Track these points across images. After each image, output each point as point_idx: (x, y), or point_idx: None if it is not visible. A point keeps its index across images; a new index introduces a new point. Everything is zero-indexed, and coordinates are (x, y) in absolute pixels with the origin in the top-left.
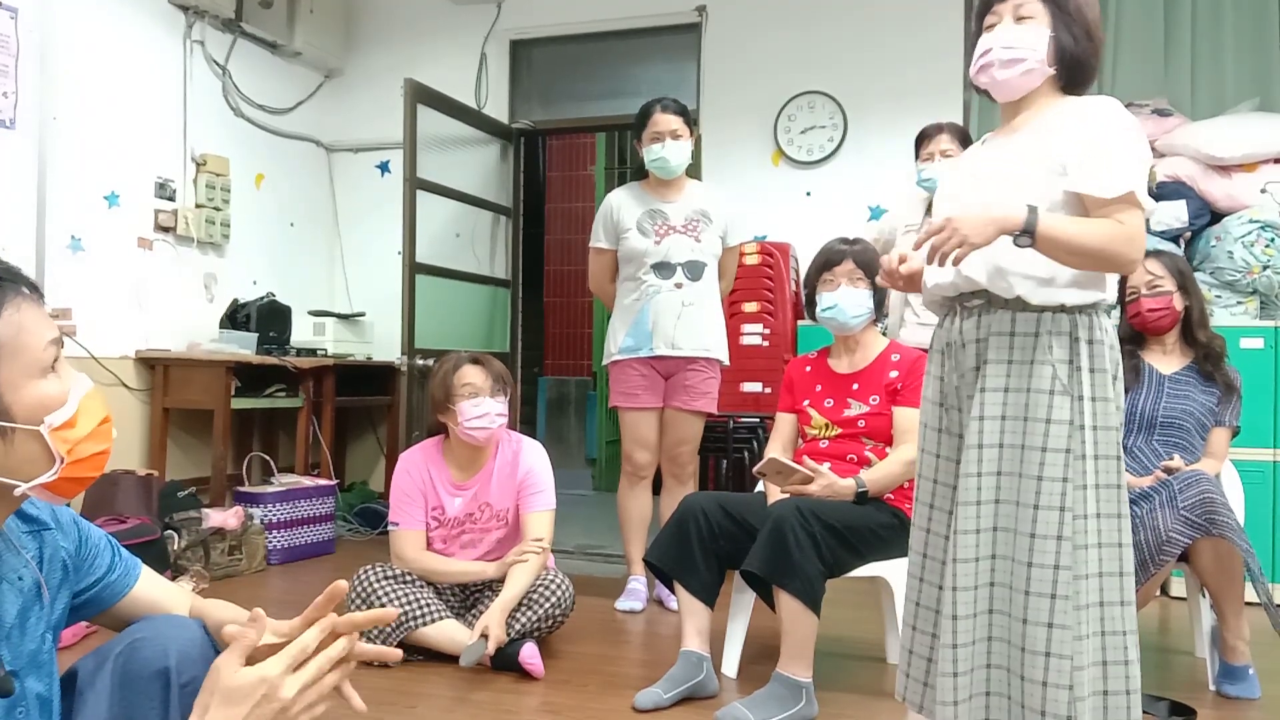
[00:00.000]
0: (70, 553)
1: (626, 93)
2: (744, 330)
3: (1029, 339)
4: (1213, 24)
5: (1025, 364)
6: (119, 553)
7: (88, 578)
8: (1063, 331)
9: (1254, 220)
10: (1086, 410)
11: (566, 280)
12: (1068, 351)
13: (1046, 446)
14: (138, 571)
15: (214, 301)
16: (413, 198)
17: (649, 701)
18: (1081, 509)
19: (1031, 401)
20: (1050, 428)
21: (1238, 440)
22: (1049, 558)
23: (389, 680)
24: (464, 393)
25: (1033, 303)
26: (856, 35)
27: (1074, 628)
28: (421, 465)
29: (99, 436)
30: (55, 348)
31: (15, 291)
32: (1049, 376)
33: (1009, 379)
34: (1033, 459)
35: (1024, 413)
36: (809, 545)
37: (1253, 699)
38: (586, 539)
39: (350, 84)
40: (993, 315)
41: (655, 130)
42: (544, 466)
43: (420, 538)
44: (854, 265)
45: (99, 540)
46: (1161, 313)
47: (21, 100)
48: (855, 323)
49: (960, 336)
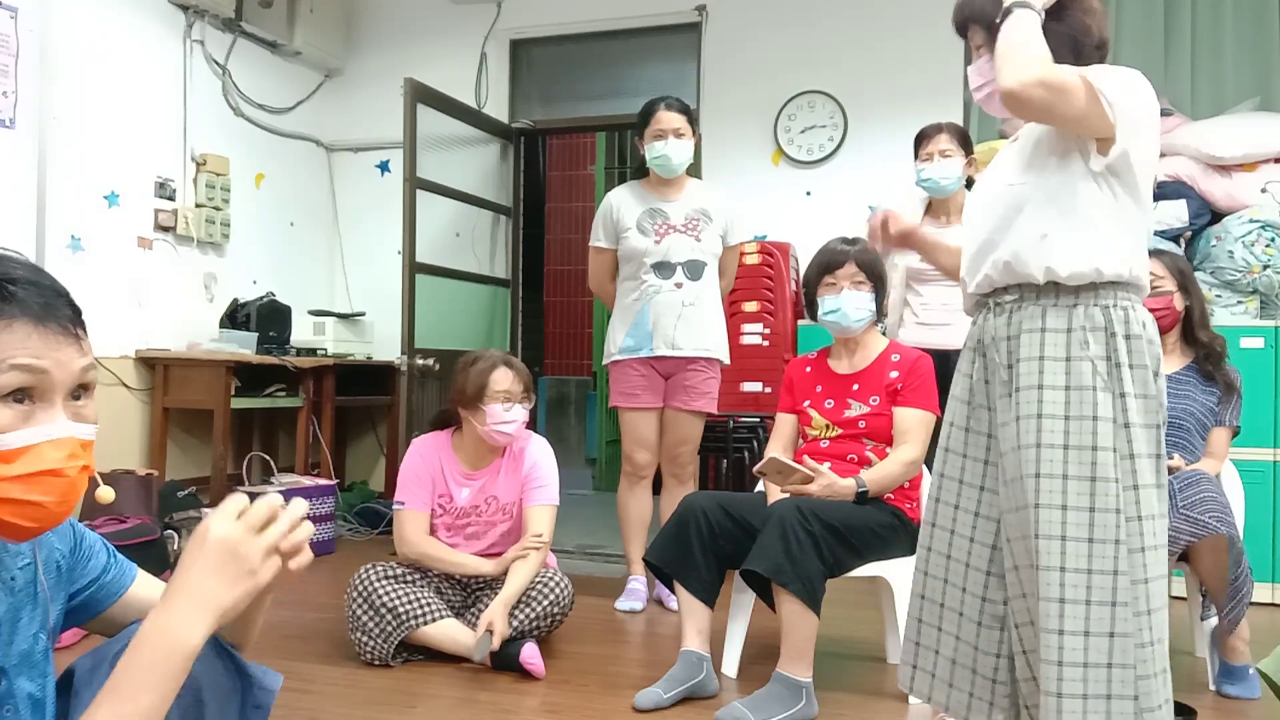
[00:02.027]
0: (64, 554)
1: (626, 92)
2: (744, 330)
3: (1061, 335)
4: (1213, 24)
5: (1060, 360)
6: (114, 555)
7: (83, 579)
8: (1098, 326)
9: (1254, 220)
10: (1132, 407)
11: (566, 280)
12: (1104, 347)
13: (1097, 445)
14: (133, 574)
15: (214, 301)
16: (413, 197)
17: (649, 701)
18: (1134, 510)
19: (1073, 399)
20: (1098, 425)
21: (1238, 440)
22: (1108, 563)
23: (389, 680)
24: (498, 396)
25: (1062, 275)
26: (856, 35)
27: (1135, 635)
28: (433, 452)
29: (36, 485)
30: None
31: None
32: (1090, 373)
33: (1043, 375)
34: (1084, 459)
35: (1064, 410)
36: (809, 545)
37: (1253, 699)
38: (586, 539)
39: (350, 84)
40: (1023, 311)
41: (658, 128)
42: (549, 462)
43: (424, 520)
44: (856, 268)
45: (94, 542)
46: (1162, 313)
47: (21, 100)
48: (858, 325)
49: (992, 334)
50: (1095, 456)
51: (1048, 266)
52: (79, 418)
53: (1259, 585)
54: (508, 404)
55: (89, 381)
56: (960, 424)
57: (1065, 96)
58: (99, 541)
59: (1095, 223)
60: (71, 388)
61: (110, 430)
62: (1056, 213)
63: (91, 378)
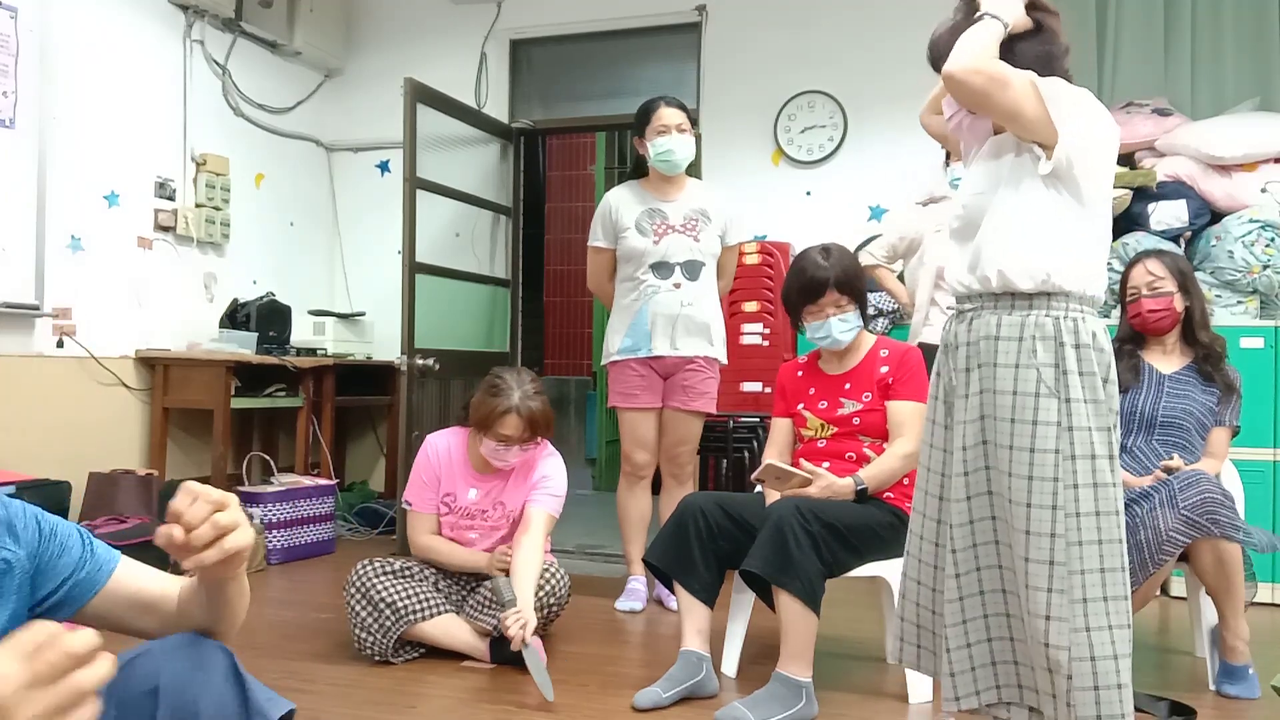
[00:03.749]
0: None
1: (626, 92)
2: (744, 330)
3: (1013, 343)
4: (1213, 24)
5: (1010, 368)
6: (89, 546)
7: (53, 579)
8: (1047, 336)
9: (1254, 220)
10: (1076, 412)
11: (566, 280)
12: (1053, 355)
13: (1034, 447)
14: (112, 564)
15: (214, 301)
16: (413, 197)
17: (648, 701)
18: (1073, 507)
19: (1018, 404)
20: (1037, 429)
21: (1238, 440)
22: (1043, 553)
23: (389, 679)
24: (498, 436)
25: (1013, 280)
26: (856, 35)
27: (1070, 620)
28: (445, 451)
29: None
30: None
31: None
32: (1034, 380)
33: (996, 381)
34: (1022, 459)
35: (1011, 414)
36: (809, 545)
37: (1253, 699)
38: (586, 539)
39: (350, 83)
40: (981, 319)
41: (661, 124)
42: (560, 475)
43: (431, 521)
44: (837, 294)
45: (67, 536)
46: (1162, 313)
47: (21, 100)
48: (847, 339)
49: (954, 339)
50: (1033, 458)
51: (1000, 271)
52: None
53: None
54: (507, 446)
55: None
56: (938, 420)
57: (1001, 87)
58: (73, 533)
59: (1047, 232)
60: None
61: (110, 430)
62: (1013, 222)
63: None
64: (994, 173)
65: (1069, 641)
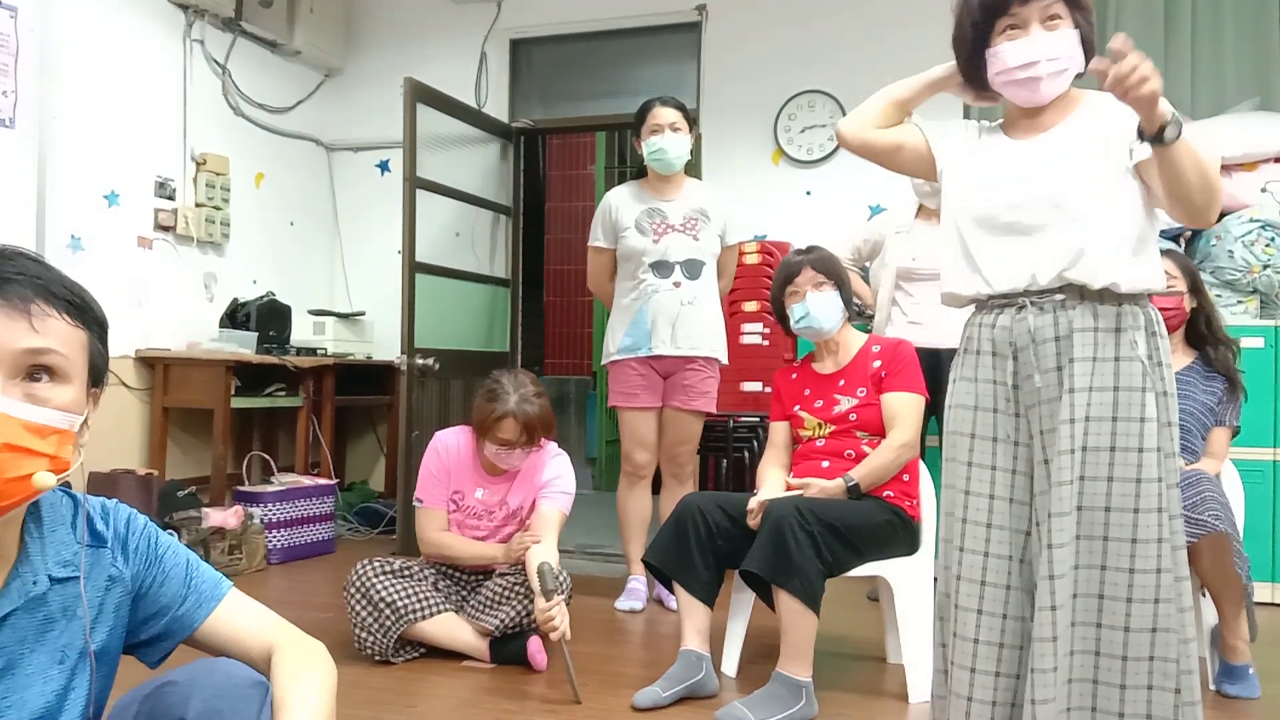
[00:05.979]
0: (124, 575)
1: (626, 92)
2: (744, 330)
3: (1110, 334)
4: (1213, 24)
5: (1109, 361)
6: (190, 584)
7: (146, 611)
8: (1140, 326)
9: (1254, 219)
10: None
11: (566, 279)
12: (1147, 346)
13: (1143, 447)
14: (210, 606)
15: (214, 301)
16: (412, 197)
17: (648, 700)
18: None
19: (1121, 400)
20: (1144, 426)
21: (1238, 440)
22: (1150, 561)
23: (389, 679)
24: (497, 440)
25: (1123, 289)
26: (856, 35)
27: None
28: (455, 449)
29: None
30: None
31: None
32: (1140, 373)
33: (1093, 378)
34: (1129, 460)
35: (1112, 412)
36: (808, 545)
37: (1253, 699)
38: (586, 539)
39: (350, 83)
40: (1073, 311)
41: (655, 123)
42: (569, 476)
43: (442, 517)
44: (813, 272)
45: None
46: (1172, 312)
47: (21, 100)
48: (831, 325)
49: (1033, 335)
50: (1141, 458)
51: (1110, 275)
52: (31, 399)
53: (1259, 585)
54: (509, 450)
55: (44, 363)
56: (984, 434)
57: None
58: (180, 564)
59: (1148, 233)
60: (17, 366)
61: (110, 430)
62: (1114, 220)
63: (50, 360)
64: (1072, 161)
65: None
